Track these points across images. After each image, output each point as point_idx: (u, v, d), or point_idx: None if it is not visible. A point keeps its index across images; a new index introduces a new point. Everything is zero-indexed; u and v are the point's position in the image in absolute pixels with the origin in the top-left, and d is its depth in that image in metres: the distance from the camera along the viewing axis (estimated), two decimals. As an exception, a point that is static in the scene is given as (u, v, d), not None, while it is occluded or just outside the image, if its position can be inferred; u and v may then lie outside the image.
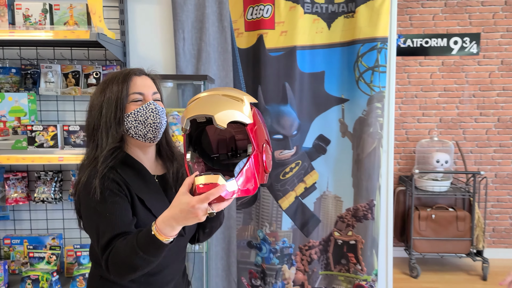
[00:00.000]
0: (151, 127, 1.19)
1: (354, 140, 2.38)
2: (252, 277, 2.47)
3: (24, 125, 2.05)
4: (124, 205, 1.13)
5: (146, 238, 1.02)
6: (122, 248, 1.05)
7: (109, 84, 1.19)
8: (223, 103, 1.01)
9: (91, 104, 1.22)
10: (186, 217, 0.97)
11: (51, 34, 1.79)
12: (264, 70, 2.30)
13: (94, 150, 1.18)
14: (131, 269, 1.05)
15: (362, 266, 2.38)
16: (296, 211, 2.42)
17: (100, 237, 1.09)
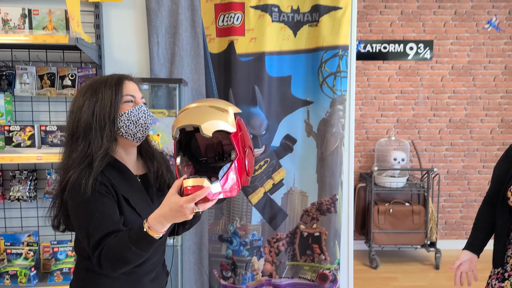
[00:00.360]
0: (141, 127, 1.29)
1: (318, 139, 2.57)
2: (223, 269, 2.61)
3: (1, 125, 2.09)
4: (111, 205, 1.21)
5: (139, 235, 1.11)
6: (115, 245, 1.13)
7: (100, 87, 1.26)
8: (209, 114, 1.13)
9: (78, 106, 1.26)
10: (175, 216, 1.08)
11: (30, 38, 1.86)
12: (234, 74, 2.45)
13: (85, 149, 1.22)
14: (123, 263, 1.14)
15: (326, 256, 2.57)
16: (265, 206, 2.58)
17: (91, 236, 1.16)
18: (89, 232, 1.16)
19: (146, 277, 1.34)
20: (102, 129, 1.24)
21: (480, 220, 1.87)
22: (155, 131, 2.31)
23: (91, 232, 1.16)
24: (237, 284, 2.56)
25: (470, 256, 1.82)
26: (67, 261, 2.11)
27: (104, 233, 1.16)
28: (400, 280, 3.85)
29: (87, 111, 1.24)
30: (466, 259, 1.81)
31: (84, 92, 1.27)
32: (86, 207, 1.17)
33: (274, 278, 2.62)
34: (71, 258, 2.13)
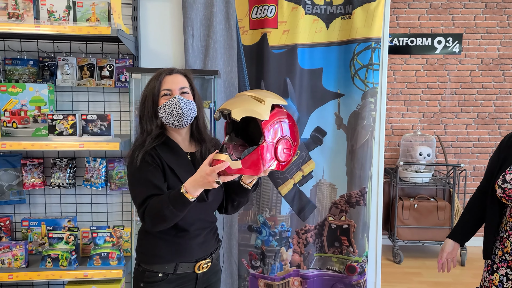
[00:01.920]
0: (175, 117, 1.51)
1: (349, 132, 2.58)
2: (252, 259, 2.66)
3: (44, 114, 2.17)
4: (156, 173, 1.46)
5: (176, 195, 1.36)
6: (157, 203, 1.39)
7: (150, 82, 1.55)
8: (243, 102, 1.35)
9: (141, 95, 1.58)
10: (202, 182, 1.32)
11: (75, 30, 1.92)
12: (267, 66, 2.47)
13: (142, 135, 1.54)
14: (162, 220, 1.39)
15: (354, 248, 2.59)
16: (294, 197, 2.61)
17: (137, 197, 1.43)
18: (136, 194, 1.44)
19: (194, 241, 1.55)
20: (150, 119, 1.54)
21: (469, 209, 1.91)
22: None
23: (137, 194, 1.43)
24: (266, 274, 2.60)
25: (453, 246, 1.90)
26: (106, 246, 2.18)
27: (147, 195, 1.41)
28: (424, 276, 3.85)
29: (143, 105, 1.55)
30: (450, 249, 1.90)
31: (147, 85, 1.57)
32: (135, 174, 1.45)
33: (302, 269, 2.65)
34: (109, 243, 2.20)
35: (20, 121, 2.18)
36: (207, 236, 1.62)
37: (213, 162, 1.30)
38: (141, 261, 1.57)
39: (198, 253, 1.58)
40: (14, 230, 2.41)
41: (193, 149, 1.63)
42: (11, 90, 2.17)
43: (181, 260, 1.55)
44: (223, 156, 1.29)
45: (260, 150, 1.33)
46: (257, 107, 1.33)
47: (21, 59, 2.31)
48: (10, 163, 2.33)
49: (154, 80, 1.53)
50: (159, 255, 1.53)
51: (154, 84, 1.52)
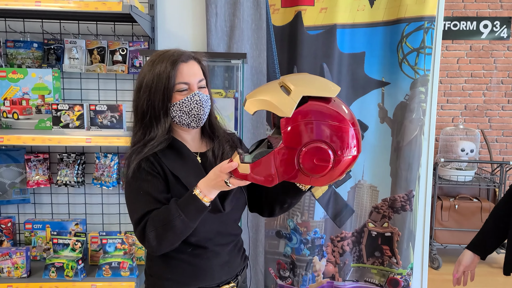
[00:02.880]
0: (194, 118, 1.23)
1: (394, 127, 2.24)
2: (281, 268, 2.36)
3: (48, 103, 1.91)
4: (157, 184, 1.19)
5: (189, 200, 1.11)
6: (161, 214, 1.13)
7: (155, 66, 1.20)
8: (267, 91, 1.04)
9: (139, 85, 1.23)
10: (215, 181, 1.10)
11: (81, 5, 1.65)
12: (300, 50, 2.15)
13: (142, 136, 1.23)
14: (170, 233, 1.11)
15: (398, 259, 2.27)
16: (329, 201, 2.30)
17: (134, 212, 1.17)
18: (133, 209, 1.19)
19: (215, 260, 1.27)
20: (157, 119, 1.22)
21: (494, 216, 1.64)
22: (212, 114, 2.06)
23: (134, 209, 1.18)
24: (296, 286, 2.31)
25: (472, 258, 1.67)
26: (116, 255, 1.92)
27: (146, 210, 1.16)
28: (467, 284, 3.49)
29: (143, 96, 1.21)
30: (468, 262, 1.67)
31: (145, 72, 1.23)
32: (131, 185, 1.20)
33: (336, 281, 2.35)
34: (121, 251, 1.94)
35: (21, 112, 1.92)
36: (231, 253, 1.32)
37: (229, 161, 1.07)
38: (150, 285, 1.30)
39: (221, 275, 1.29)
40: (18, 232, 2.17)
41: (204, 148, 1.34)
42: (11, 76, 1.92)
43: (199, 284, 1.26)
44: (235, 156, 1.07)
45: (274, 156, 1.01)
46: (278, 99, 0.99)
47: (24, 42, 2.05)
48: (12, 158, 2.09)
49: (165, 66, 1.20)
50: (172, 278, 1.25)
51: (166, 73, 1.19)
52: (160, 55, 1.23)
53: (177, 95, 1.21)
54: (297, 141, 1.00)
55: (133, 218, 1.18)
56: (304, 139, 1.00)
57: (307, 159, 1.01)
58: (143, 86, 1.21)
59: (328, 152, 1.01)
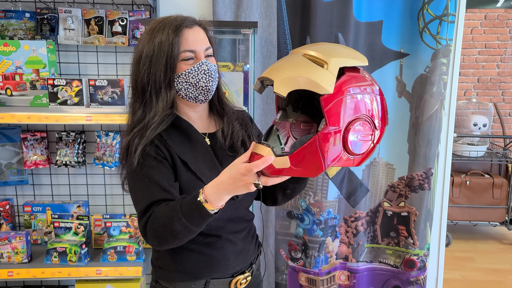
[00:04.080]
0: (202, 90, 1.10)
1: (413, 101, 2.11)
2: (292, 250, 2.28)
3: (43, 78, 1.78)
4: (162, 170, 1.07)
5: (192, 205, 0.97)
6: (164, 213, 1.01)
7: (156, 34, 1.07)
8: (295, 67, 0.89)
9: (138, 56, 1.09)
10: (234, 185, 0.92)
11: (74, -32, 1.49)
12: (314, 18, 1.99)
13: (143, 115, 1.09)
14: (170, 235, 1.00)
15: (414, 240, 2.18)
16: (343, 180, 2.19)
17: (139, 203, 1.06)
18: (137, 199, 1.07)
19: (228, 249, 1.17)
20: (157, 93, 1.08)
21: None
22: (220, 88, 1.92)
23: (139, 199, 1.06)
24: (308, 267, 2.22)
25: None
26: (121, 238, 1.83)
27: (151, 201, 1.04)
28: (477, 261, 3.43)
29: (143, 68, 1.08)
30: None
31: (144, 41, 1.09)
32: (135, 172, 1.07)
33: (350, 262, 2.26)
34: (126, 234, 1.84)
35: (15, 87, 1.79)
36: (245, 241, 1.22)
37: (252, 157, 0.89)
38: (159, 278, 1.19)
39: (235, 265, 1.19)
40: (17, 214, 2.07)
41: (213, 128, 1.21)
42: (3, 49, 1.77)
43: (213, 275, 1.16)
44: (263, 150, 0.88)
45: (319, 141, 0.87)
46: (314, 74, 0.87)
47: (16, 11, 1.89)
48: (7, 137, 1.97)
49: (167, 33, 1.05)
50: (183, 270, 1.15)
51: (169, 40, 1.05)
52: (160, 22, 1.09)
53: (182, 65, 1.07)
54: (342, 119, 0.88)
55: (138, 209, 1.07)
56: (349, 116, 0.89)
57: (353, 137, 0.90)
58: (142, 57, 1.07)
59: (371, 127, 0.92)
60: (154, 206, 1.03)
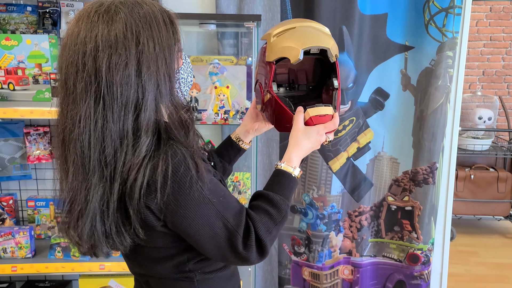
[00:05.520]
0: (188, 87, 1.00)
1: (418, 94, 2.09)
2: (295, 244, 2.27)
3: (46, 73, 1.76)
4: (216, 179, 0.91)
5: (290, 184, 0.93)
6: (264, 207, 0.88)
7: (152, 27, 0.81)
8: (326, 37, 1.01)
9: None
10: (312, 147, 0.98)
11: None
12: (318, 11, 1.97)
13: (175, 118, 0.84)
14: (281, 225, 0.90)
15: (418, 234, 2.17)
16: (347, 174, 2.18)
17: (228, 221, 0.84)
18: (227, 220, 0.83)
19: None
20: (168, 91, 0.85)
21: None
22: (223, 83, 1.91)
23: (228, 218, 0.84)
24: (312, 262, 2.22)
25: None
26: (125, 233, 1.82)
27: (243, 214, 0.86)
28: (482, 256, 3.41)
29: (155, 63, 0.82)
30: None
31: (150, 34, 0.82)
32: (204, 194, 0.82)
33: (353, 256, 2.26)
34: (129, 229, 1.84)
35: (17, 82, 1.78)
36: None
37: (313, 120, 0.98)
38: None
39: None
40: (20, 209, 2.07)
41: None
42: (5, 43, 1.76)
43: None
44: (329, 109, 1.00)
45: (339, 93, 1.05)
46: (334, 42, 1.01)
47: (17, 5, 1.88)
48: (10, 131, 1.96)
49: (163, 25, 0.83)
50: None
51: (168, 34, 0.84)
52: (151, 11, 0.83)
53: (178, 60, 0.91)
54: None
55: (231, 227, 0.84)
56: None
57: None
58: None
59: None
60: (244, 213, 0.87)
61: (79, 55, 0.77)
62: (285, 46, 0.98)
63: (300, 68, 1.15)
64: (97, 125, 0.78)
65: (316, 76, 1.16)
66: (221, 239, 0.83)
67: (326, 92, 1.09)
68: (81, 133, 0.78)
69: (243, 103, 1.94)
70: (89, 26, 0.79)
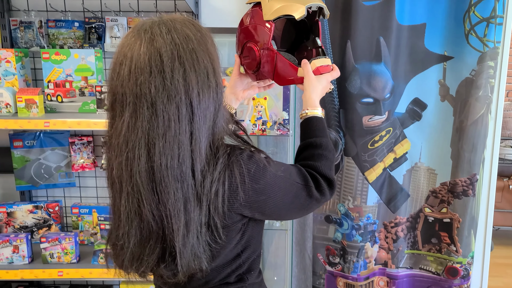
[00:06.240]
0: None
1: (457, 105, 2.05)
2: (330, 254, 2.26)
3: (91, 85, 1.84)
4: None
5: (322, 124, 1.07)
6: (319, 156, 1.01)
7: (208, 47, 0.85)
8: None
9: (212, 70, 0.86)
10: (323, 92, 1.13)
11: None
12: (355, 22, 1.97)
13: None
14: (334, 160, 1.06)
15: (457, 247, 2.12)
16: (383, 185, 2.16)
17: (298, 183, 0.94)
18: (297, 182, 0.94)
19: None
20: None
21: None
22: (260, 94, 1.94)
23: (297, 180, 0.94)
24: (347, 272, 2.21)
25: None
26: (164, 241, 1.87)
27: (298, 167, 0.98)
28: None
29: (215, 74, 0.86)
30: None
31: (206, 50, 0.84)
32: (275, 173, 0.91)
33: (389, 268, 2.23)
34: (169, 237, 1.89)
35: (65, 94, 1.86)
36: None
37: (319, 69, 1.11)
38: None
39: None
40: (65, 215, 2.16)
41: None
42: (55, 58, 1.85)
43: None
44: (327, 61, 1.14)
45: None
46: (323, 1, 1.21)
47: (66, 21, 1.97)
48: (57, 141, 2.05)
49: (211, 43, 0.87)
50: None
51: (216, 52, 0.89)
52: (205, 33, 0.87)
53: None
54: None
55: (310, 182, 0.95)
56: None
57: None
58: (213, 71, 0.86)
59: None
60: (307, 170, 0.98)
61: (166, 76, 0.77)
62: (288, 5, 1.06)
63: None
64: (194, 145, 0.80)
65: (290, 39, 1.26)
66: (301, 199, 0.95)
67: (300, 54, 1.21)
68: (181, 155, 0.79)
69: (280, 114, 1.96)
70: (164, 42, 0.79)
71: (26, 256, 1.85)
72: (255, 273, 1.00)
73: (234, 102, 1.22)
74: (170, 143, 0.77)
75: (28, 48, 1.97)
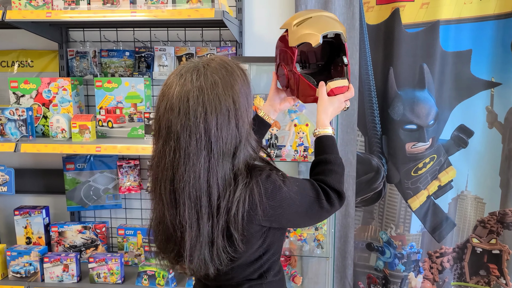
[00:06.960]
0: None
1: (506, 132, 1.99)
2: (371, 283, 2.21)
3: (140, 112, 1.93)
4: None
5: (333, 141, 1.16)
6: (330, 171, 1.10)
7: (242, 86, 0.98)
8: (337, 23, 1.22)
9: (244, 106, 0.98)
10: (336, 112, 1.21)
11: (174, 14, 1.62)
12: (397, 49, 1.98)
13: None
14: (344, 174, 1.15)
15: (507, 280, 2.03)
16: (427, 213, 2.11)
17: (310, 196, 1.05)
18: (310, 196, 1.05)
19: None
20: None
21: None
22: (301, 120, 1.96)
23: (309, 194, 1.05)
24: (389, 302, 2.15)
25: None
26: (206, 264, 1.90)
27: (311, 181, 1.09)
28: None
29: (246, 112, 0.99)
30: None
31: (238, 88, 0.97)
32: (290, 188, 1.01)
33: (435, 299, 2.15)
34: (210, 261, 1.91)
35: (115, 120, 1.96)
36: None
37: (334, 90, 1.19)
38: None
39: None
40: (111, 236, 2.23)
41: None
42: (107, 86, 1.95)
43: None
44: (344, 82, 1.22)
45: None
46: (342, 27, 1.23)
47: (117, 51, 2.08)
48: (106, 164, 2.15)
49: (242, 79, 0.99)
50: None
51: (247, 86, 1.00)
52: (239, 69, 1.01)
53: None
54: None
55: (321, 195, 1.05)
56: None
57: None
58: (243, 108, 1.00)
59: None
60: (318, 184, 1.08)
61: (190, 117, 0.90)
62: (306, 33, 1.17)
63: (310, 50, 1.34)
64: (209, 174, 0.92)
65: (325, 56, 1.36)
66: (314, 210, 1.05)
67: (335, 68, 1.31)
68: (196, 182, 0.91)
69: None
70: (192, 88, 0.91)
71: (75, 275, 1.92)
72: (273, 272, 1.10)
73: (272, 113, 1.34)
74: (188, 172, 0.91)
75: (83, 76, 2.09)
